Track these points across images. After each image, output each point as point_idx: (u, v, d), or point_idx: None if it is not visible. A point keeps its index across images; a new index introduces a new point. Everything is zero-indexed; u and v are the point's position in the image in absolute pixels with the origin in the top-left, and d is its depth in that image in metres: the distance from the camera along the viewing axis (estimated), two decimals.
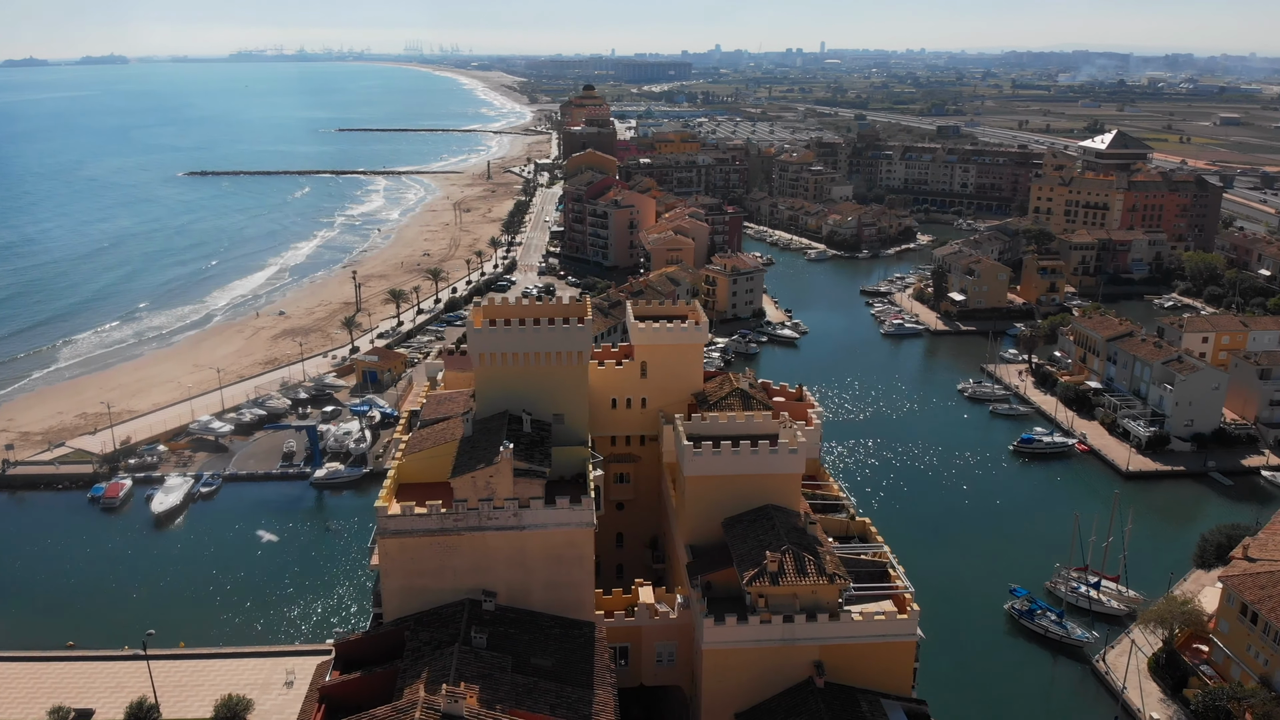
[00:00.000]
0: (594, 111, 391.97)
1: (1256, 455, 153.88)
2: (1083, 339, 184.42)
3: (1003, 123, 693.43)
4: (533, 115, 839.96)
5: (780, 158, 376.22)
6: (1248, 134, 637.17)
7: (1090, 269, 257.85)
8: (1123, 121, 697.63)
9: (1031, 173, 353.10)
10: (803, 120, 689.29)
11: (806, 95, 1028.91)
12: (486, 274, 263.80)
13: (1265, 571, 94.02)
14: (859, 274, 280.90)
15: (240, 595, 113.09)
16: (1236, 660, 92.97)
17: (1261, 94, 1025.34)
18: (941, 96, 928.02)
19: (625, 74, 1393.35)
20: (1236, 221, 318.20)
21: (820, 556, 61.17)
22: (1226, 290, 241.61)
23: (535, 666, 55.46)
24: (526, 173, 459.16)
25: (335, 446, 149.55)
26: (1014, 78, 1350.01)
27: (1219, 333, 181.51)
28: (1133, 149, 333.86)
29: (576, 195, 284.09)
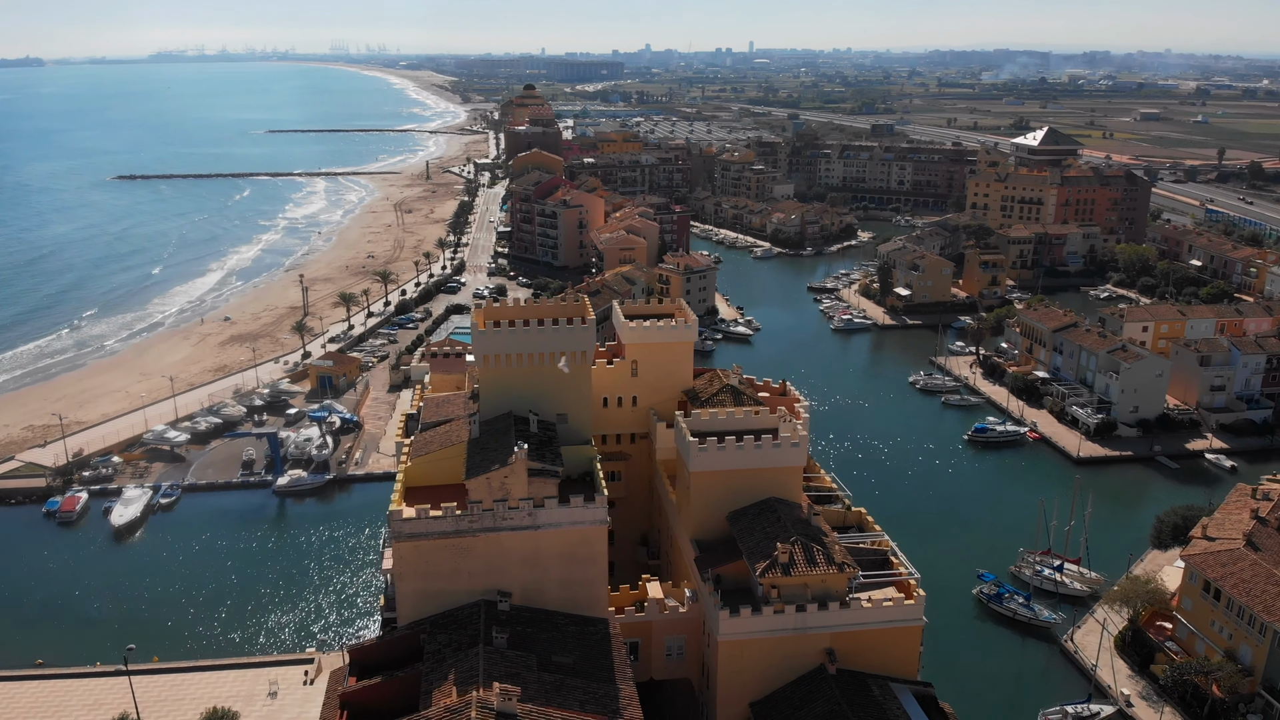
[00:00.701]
0: (537, 111, 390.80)
1: (1199, 439, 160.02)
2: (1029, 330, 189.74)
3: (932, 120, 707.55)
4: (467, 115, 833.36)
5: (722, 157, 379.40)
6: (1168, 129, 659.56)
7: (1028, 262, 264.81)
8: (1046, 118, 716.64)
9: (966, 169, 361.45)
10: (738, 120, 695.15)
11: (739, 95, 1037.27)
12: (435, 275, 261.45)
13: (1225, 550, 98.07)
14: (804, 271, 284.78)
15: (213, 607, 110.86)
16: (1201, 636, 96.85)
17: (1178, 89, 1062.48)
18: (871, 95, 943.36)
19: (558, 73, 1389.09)
20: (1164, 214, 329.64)
21: (828, 546, 62.48)
22: (1159, 281, 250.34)
23: (557, 664, 55.74)
24: (466, 173, 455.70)
25: (296, 454, 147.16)
26: (939, 76, 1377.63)
27: (1158, 322, 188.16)
28: (1064, 145, 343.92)
29: (524, 195, 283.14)
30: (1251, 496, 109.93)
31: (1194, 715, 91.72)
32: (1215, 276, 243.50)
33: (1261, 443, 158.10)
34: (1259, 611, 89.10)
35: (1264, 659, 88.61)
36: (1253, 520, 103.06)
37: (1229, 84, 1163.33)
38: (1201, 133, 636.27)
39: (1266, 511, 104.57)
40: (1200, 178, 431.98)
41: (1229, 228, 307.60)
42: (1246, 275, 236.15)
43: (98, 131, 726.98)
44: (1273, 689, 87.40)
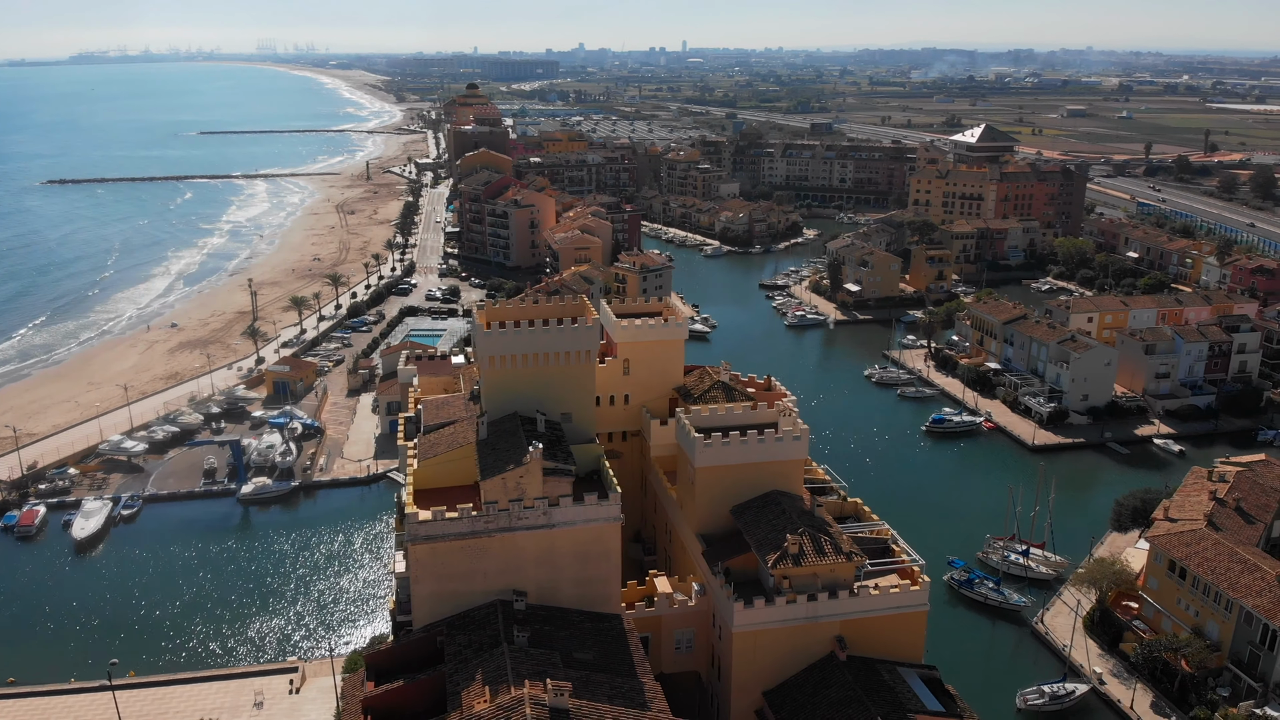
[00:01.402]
0: (482, 110, 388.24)
1: (1147, 425, 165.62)
2: (979, 323, 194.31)
3: (866, 119, 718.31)
4: (403, 114, 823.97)
5: (667, 156, 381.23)
6: (1094, 125, 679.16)
7: (970, 257, 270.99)
8: (977, 116, 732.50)
9: (906, 167, 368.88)
10: (678, 119, 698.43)
11: (676, 94, 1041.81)
12: (385, 277, 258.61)
13: (1188, 530, 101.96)
14: (754, 268, 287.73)
15: (187, 619, 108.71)
16: (1167, 614, 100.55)
17: (1101, 86, 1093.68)
18: (806, 95, 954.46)
19: (492, 72, 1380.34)
20: (1097, 208, 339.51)
21: (834, 537, 63.80)
22: (1097, 272, 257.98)
23: (579, 661, 56.12)
24: (408, 173, 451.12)
25: (259, 461, 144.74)
26: (870, 75, 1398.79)
27: (1102, 312, 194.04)
28: (1001, 142, 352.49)
29: (474, 195, 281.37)
30: (1208, 479, 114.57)
31: (1164, 691, 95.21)
32: (1152, 268, 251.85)
33: (1206, 427, 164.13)
34: (1225, 588, 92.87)
35: (1230, 634, 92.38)
36: (1211, 502, 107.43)
37: (1150, 80, 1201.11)
38: (1127, 128, 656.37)
39: (1224, 493, 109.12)
40: (1129, 172, 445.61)
41: (1160, 220, 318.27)
42: (1182, 266, 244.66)
43: (22, 135, 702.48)
44: (1240, 663, 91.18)
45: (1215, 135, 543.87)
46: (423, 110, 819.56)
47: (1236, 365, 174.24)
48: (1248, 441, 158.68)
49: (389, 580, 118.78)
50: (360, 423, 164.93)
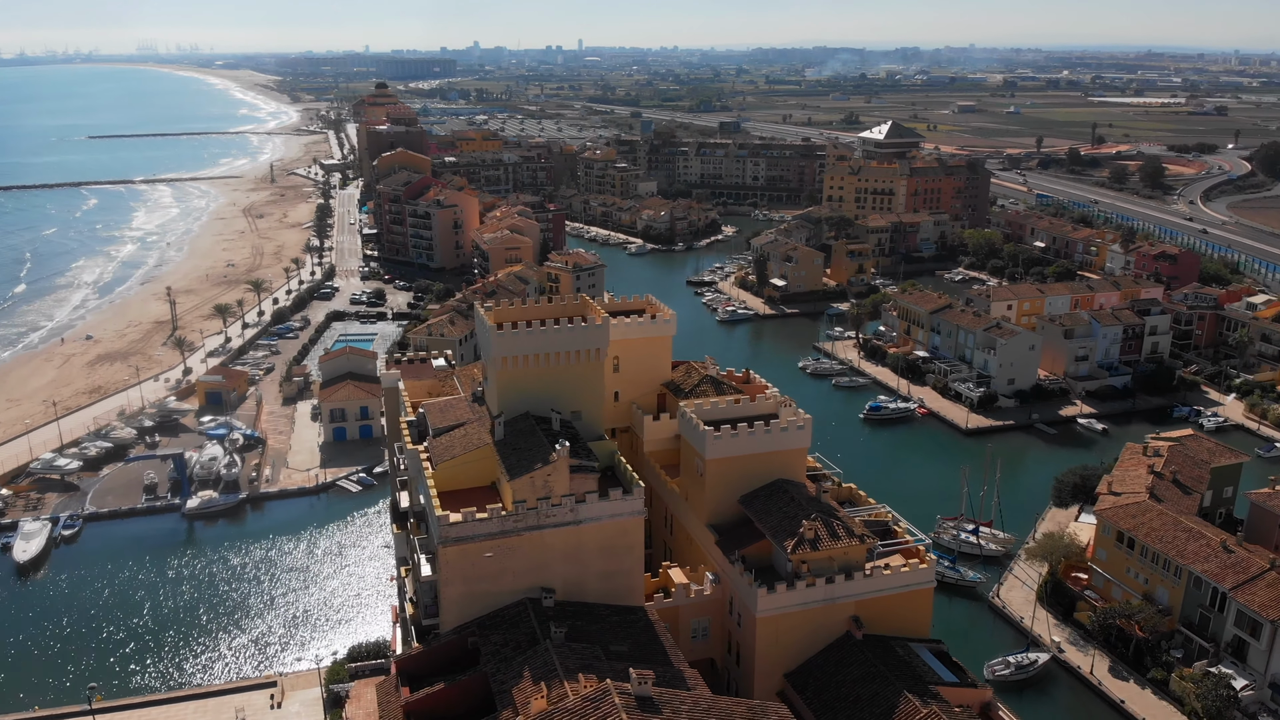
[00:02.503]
0: (394, 110, 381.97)
1: (1070, 406, 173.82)
2: (906, 313, 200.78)
3: (768, 117, 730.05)
4: (300, 115, 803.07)
5: (584, 155, 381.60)
6: (985, 120, 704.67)
7: (886, 250, 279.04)
8: (873, 113, 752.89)
9: (816, 164, 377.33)
10: (584, 118, 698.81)
11: (578, 93, 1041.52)
12: (305, 282, 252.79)
13: (1133, 503, 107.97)
14: (677, 266, 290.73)
15: (152, 639, 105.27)
16: (1117, 583, 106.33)
17: (987, 82, 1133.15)
18: (707, 93, 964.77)
19: (387, 71, 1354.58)
20: (999, 200, 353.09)
21: (844, 521, 66.03)
22: (1007, 262, 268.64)
23: (616, 653, 56.94)
24: (313, 174, 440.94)
25: (202, 474, 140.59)
26: (766, 74, 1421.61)
27: (1020, 300, 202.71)
28: (907, 138, 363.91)
29: (394, 196, 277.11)
30: (1143, 454, 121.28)
31: (1120, 656, 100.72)
32: (1059, 256, 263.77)
33: (1124, 406, 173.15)
34: (1173, 555, 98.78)
35: (1180, 598, 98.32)
36: (1150, 475, 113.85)
37: (1032, 76, 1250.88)
38: (1016, 123, 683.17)
39: (1160, 466, 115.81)
40: (1023, 165, 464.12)
41: (1059, 210, 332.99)
42: (1087, 254, 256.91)
43: None
44: (1190, 625, 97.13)
45: (1100, 128, 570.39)
46: (320, 110, 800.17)
47: (1149, 346, 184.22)
48: (1164, 418, 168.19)
49: (375, 588, 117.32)
50: (301, 431, 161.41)
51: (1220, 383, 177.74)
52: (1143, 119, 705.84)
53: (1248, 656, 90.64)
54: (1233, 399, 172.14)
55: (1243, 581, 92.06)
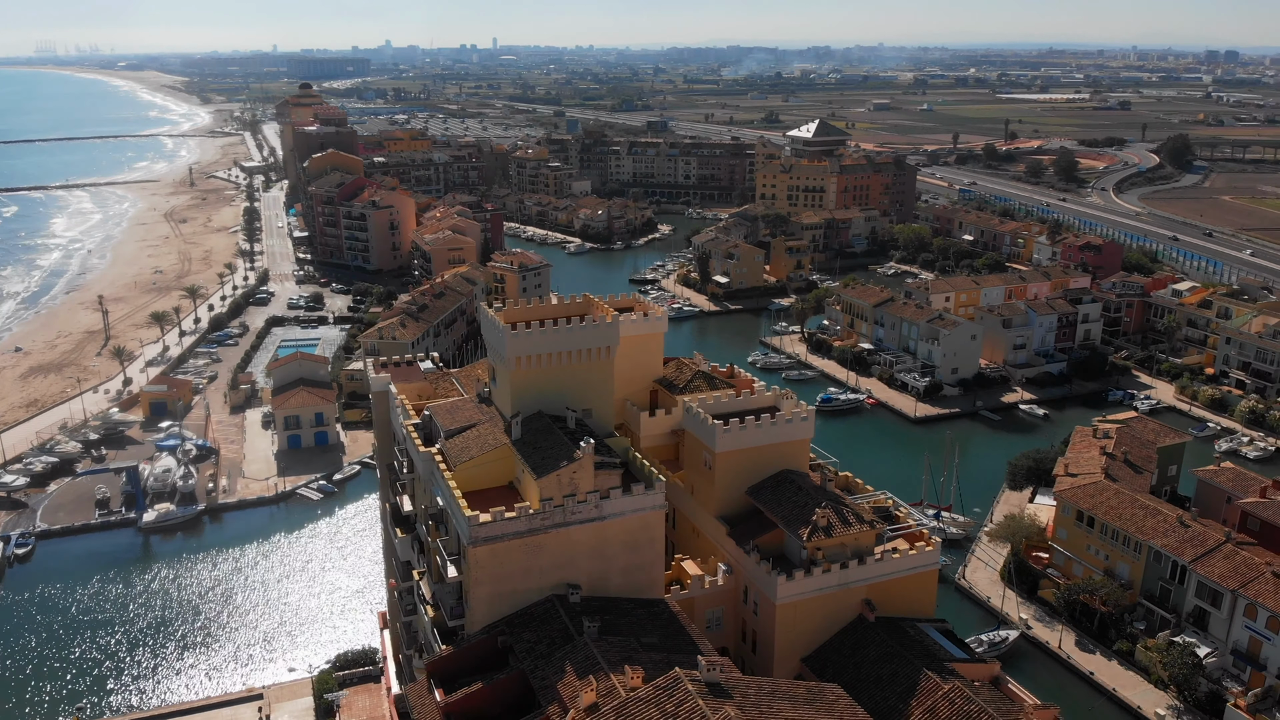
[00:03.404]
0: (322, 110, 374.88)
1: (1011, 393, 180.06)
2: (849, 307, 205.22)
3: (690, 116, 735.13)
4: (212, 116, 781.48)
5: (516, 154, 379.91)
6: (900, 117, 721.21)
7: (820, 246, 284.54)
8: (792, 112, 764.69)
9: (746, 163, 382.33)
10: (508, 116, 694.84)
11: (497, 91, 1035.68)
12: (239, 287, 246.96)
13: (1090, 483, 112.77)
14: (616, 265, 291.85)
15: (127, 656, 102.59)
16: (1078, 560, 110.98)
17: (898, 81, 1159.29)
18: (627, 92, 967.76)
19: (298, 70, 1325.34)
20: (923, 196, 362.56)
21: (852, 507, 68.07)
22: (937, 256, 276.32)
23: (648, 644, 57.88)
24: (234, 177, 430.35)
25: (157, 487, 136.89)
26: (683, 73, 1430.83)
27: (957, 292, 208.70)
28: (835, 136, 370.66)
29: (327, 198, 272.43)
30: (1094, 436, 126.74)
31: (1086, 630, 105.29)
32: (987, 249, 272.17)
33: (1062, 391, 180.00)
34: (1133, 532, 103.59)
35: (1141, 573, 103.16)
36: (1103, 456, 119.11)
37: (941, 74, 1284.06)
38: (929, 120, 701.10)
39: (1111, 448, 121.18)
40: (942, 161, 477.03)
41: (981, 204, 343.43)
42: (1015, 246, 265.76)
43: None
44: (1152, 597, 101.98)
45: (1011, 124, 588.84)
46: (233, 111, 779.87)
47: (1082, 334, 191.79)
48: (1100, 402, 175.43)
49: (352, 596, 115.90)
50: (254, 440, 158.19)
51: (1150, 367, 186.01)
52: (1050, 115, 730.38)
53: (1209, 625, 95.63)
54: (1163, 382, 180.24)
55: (1201, 554, 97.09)
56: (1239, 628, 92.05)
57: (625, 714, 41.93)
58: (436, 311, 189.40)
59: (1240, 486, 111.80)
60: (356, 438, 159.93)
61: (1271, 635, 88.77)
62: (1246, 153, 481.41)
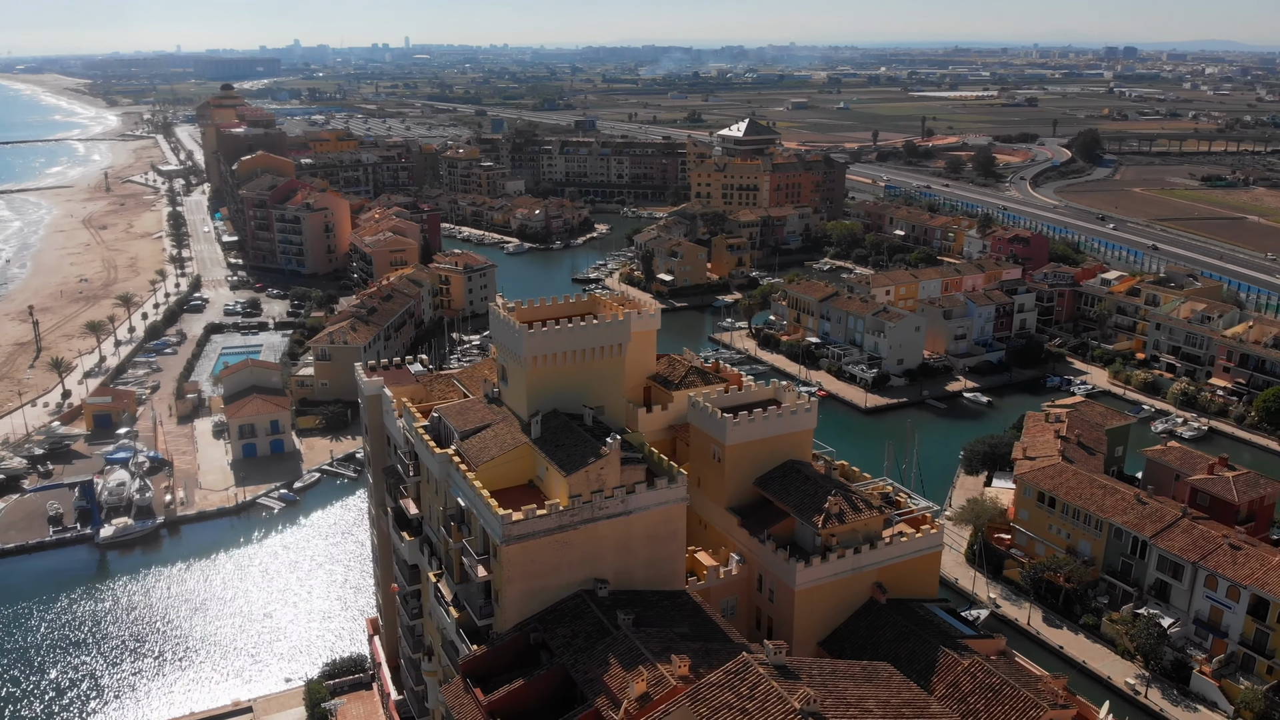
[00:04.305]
0: (247, 111, 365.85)
1: (954, 382, 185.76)
2: (795, 302, 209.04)
3: (613, 115, 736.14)
4: (120, 119, 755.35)
5: (446, 154, 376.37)
6: (818, 116, 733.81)
7: (756, 243, 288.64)
8: (711, 111, 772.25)
9: (678, 161, 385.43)
10: (430, 115, 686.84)
11: (414, 91, 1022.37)
12: (171, 294, 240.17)
13: (1049, 465, 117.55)
14: (556, 264, 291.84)
15: (103, 675, 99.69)
16: (1040, 540, 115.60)
17: (813, 80, 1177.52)
18: (547, 91, 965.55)
19: (207, 71, 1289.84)
20: (850, 193, 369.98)
21: (859, 494, 70.33)
22: (869, 251, 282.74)
23: (681, 634, 59.12)
24: (151, 181, 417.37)
25: (112, 501, 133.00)
26: (601, 72, 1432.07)
27: (897, 285, 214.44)
28: (765, 135, 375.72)
29: (259, 201, 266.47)
30: (1046, 420, 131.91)
31: (1051, 606, 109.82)
32: (918, 243, 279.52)
33: (1002, 379, 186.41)
34: (1094, 510, 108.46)
35: (1102, 549, 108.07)
36: (1058, 439, 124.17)
37: (854, 73, 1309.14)
38: (847, 118, 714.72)
39: (1065, 431, 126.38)
40: (864, 159, 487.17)
41: (907, 200, 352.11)
42: (945, 240, 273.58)
43: None
44: (1114, 572, 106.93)
45: (927, 121, 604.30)
46: (143, 114, 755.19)
47: (1018, 323, 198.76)
48: (1038, 388, 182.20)
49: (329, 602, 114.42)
50: (206, 450, 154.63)
51: (1083, 353, 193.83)
52: (962, 112, 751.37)
53: (1170, 597, 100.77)
54: (1097, 368, 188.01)
55: (1161, 530, 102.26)
56: (1200, 598, 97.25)
57: (700, 699, 43.08)
58: (386, 314, 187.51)
59: (1188, 465, 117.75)
60: (312, 445, 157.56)
61: (1231, 604, 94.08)
62: (1153, 146, 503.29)
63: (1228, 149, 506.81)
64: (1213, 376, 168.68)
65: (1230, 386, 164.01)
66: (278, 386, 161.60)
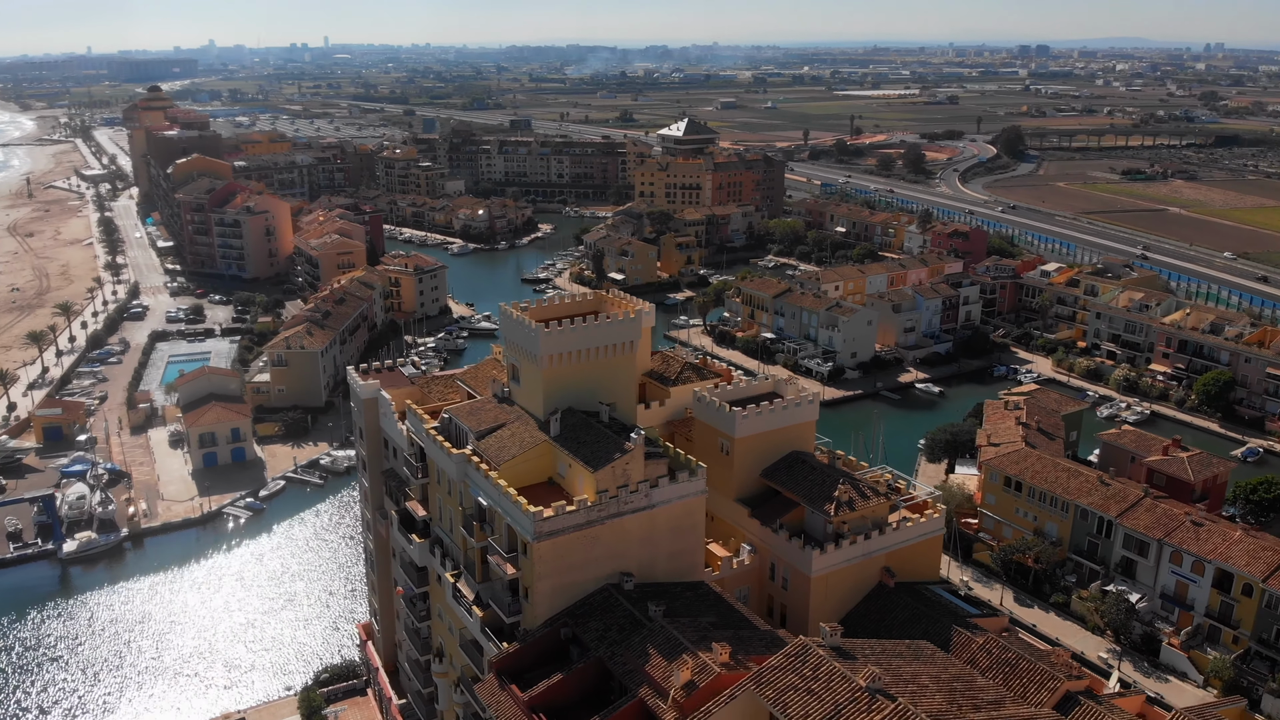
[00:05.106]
0: (178, 113, 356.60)
1: (906, 373, 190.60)
2: (749, 299, 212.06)
3: (544, 115, 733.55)
4: (35, 123, 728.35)
5: (383, 154, 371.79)
6: (747, 115, 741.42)
7: (702, 242, 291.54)
8: (642, 110, 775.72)
9: (618, 161, 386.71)
10: (360, 116, 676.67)
11: (338, 91, 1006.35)
12: (110, 302, 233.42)
13: (1014, 451, 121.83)
14: (502, 264, 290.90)
15: (83, 693, 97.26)
16: (1007, 523, 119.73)
17: (738, 79, 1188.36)
18: (475, 91, 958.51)
19: (121, 73, 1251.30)
20: (788, 192, 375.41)
21: (865, 483, 72.54)
22: (812, 248, 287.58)
23: (710, 624, 60.54)
24: (76, 186, 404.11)
25: (73, 515, 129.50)
26: (528, 71, 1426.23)
27: (845, 281, 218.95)
28: (704, 134, 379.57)
29: (197, 205, 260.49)
30: (1005, 408, 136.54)
31: (1022, 587, 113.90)
32: (859, 239, 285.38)
33: (951, 369, 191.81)
34: (1060, 493, 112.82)
35: (1069, 530, 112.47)
36: (1020, 426, 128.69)
37: (778, 72, 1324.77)
38: (775, 117, 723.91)
39: (1025, 418, 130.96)
40: (796, 157, 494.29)
41: (843, 197, 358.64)
42: (885, 236, 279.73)
43: None
44: (1080, 552, 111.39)
45: (855, 120, 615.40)
46: (59, 118, 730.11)
47: (964, 315, 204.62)
48: (986, 378, 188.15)
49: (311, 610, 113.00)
50: (164, 460, 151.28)
51: (1026, 343, 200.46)
52: (886, 110, 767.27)
53: (1136, 573, 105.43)
54: (1040, 357, 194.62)
55: (1125, 509, 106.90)
56: (1165, 573, 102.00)
57: (765, 683, 44.50)
58: (341, 318, 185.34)
59: (1143, 447, 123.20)
60: (274, 452, 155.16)
61: (1197, 578, 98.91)
62: (1073, 141, 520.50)
63: (1144, 143, 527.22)
64: (1152, 362, 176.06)
65: (1170, 371, 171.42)
66: (236, 394, 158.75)
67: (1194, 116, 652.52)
